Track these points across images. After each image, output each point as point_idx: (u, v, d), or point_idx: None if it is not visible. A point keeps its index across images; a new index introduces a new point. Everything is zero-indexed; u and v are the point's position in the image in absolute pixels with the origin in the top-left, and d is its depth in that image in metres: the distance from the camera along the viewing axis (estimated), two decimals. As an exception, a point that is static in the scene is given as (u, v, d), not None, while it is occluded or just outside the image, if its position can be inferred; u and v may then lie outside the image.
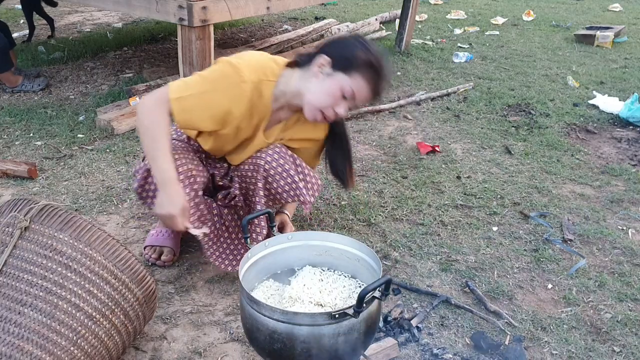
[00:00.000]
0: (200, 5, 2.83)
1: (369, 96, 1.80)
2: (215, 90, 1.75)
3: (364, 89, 1.77)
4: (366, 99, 1.81)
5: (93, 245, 1.49)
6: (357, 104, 1.83)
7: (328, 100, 1.77)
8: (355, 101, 1.80)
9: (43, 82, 3.91)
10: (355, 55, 1.75)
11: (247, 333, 1.47)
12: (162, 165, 1.69)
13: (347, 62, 1.75)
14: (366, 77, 1.75)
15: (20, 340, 1.36)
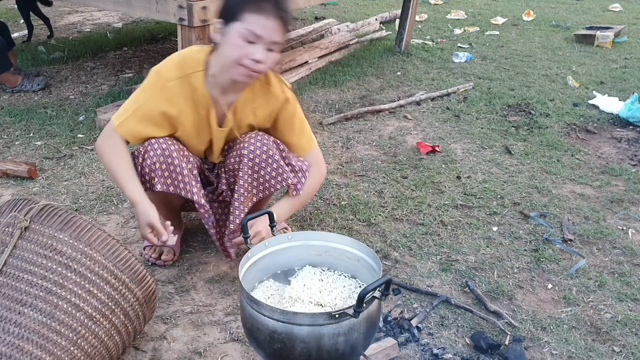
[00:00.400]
0: (200, 5, 2.83)
1: (273, 24, 1.70)
2: (146, 100, 1.86)
3: (262, 21, 1.69)
4: (274, 28, 1.70)
5: (93, 245, 1.49)
6: (272, 39, 1.72)
7: (236, 52, 1.73)
8: (264, 38, 1.70)
9: (42, 81, 3.91)
10: (234, 0, 1.75)
11: (247, 333, 1.47)
12: (129, 191, 1.83)
13: (231, 10, 1.73)
14: (255, 10, 1.69)
15: (20, 340, 1.36)
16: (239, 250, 2.09)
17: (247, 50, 1.72)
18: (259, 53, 1.72)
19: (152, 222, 1.80)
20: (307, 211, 2.49)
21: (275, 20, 1.70)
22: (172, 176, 1.89)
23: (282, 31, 1.73)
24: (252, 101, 1.94)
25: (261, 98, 1.94)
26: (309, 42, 5.12)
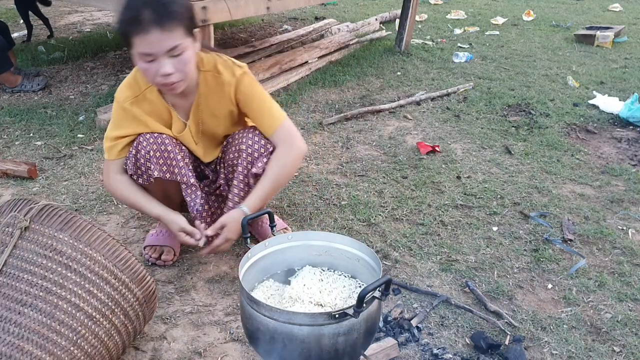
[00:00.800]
0: (200, 5, 2.83)
1: (156, 36, 1.64)
2: (118, 127, 1.93)
3: (146, 40, 1.64)
4: (160, 39, 1.65)
5: (93, 245, 1.49)
6: (165, 49, 1.67)
7: (147, 75, 1.76)
8: (157, 53, 1.67)
9: (42, 81, 3.91)
10: (117, 29, 1.73)
11: (247, 333, 1.47)
12: (151, 210, 1.97)
13: (123, 39, 1.72)
14: (136, 32, 1.65)
15: (20, 340, 1.36)
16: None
17: (153, 69, 1.71)
18: (164, 67, 1.70)
19: (182, 226, 1.92)
20: (307, 211, 2.49)
21: (157, 31, 1.63)
22: (167, 162, 1.93)
23: (172, 34, 1.66)
24: (208, 100, 1.94)
25: (216, 92, 1.93)
26: (309, 42, 5.12)
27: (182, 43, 1.69)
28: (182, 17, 1.68)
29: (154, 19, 1.63)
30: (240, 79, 1.91)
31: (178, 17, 1.67)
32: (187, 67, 1.75)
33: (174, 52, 1.69)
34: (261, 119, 1.96)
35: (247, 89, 1.93)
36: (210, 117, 1.98)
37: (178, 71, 1.72)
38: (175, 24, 1.66)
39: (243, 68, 1.94)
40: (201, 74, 1.90)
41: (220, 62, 1.91)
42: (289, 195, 2.63)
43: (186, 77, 1.77)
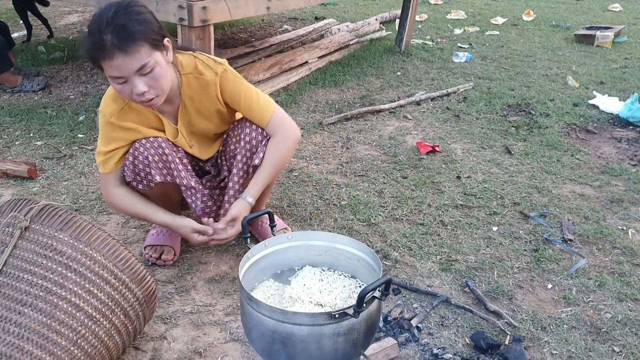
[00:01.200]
0: (200, 5, 2.83)
1: (121, 60, 1.62)
2: (107, 140, 1.91)
3: (113, 64, 1.63)
4: (126, 61, 1.63)
5: (93, 245, 1.49)
6: (134, 69, 1.65)
7: (123, 94, 1.75)
8: (127, 75, 1.66)
9: (42, 81, 3.91)
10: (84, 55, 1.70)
11: (247, 333, 1.47)
12: (159, 219, 1.98)
13: (93, 63, 1.70)
14: (102, 58, 1.63)
15: (21, 340, 1.36)
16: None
17: (127, 90, 1.71)
18: (137, 87, 1.69)
19: (194, 227, 1.93)
20: (307, 211, 2.49)
21: (121, 55, 1.62)
22: (166, 166, 1.93)
23: (138, 54, 1.63)
24: (193, 102, 1.94)
25: (200, 92, 1.92)
26: (309, 42, 5.12)
27: (150, 60, 1.66)
28: (146, 35, 1.65)
29: (116, 44, 1.60)
30: (222, 76, 1.91)
31: (140, 36, 1.64)
32: (160, 82, 1.72)
33: (143, 71, 1.67)
34: (252, 113, 1.97)
35: (231, 87, 1.93)
36: (198, 118, 1.97)
37: (152, 88, 1.71)
38: (139, 44, 1.63)
39: (223, 65, 1.93)
40: (182, 77, 1.88)
41: (200, 63, 1.90)
42: (289, 195, 2.63)
43: (162, 92, 1.76)
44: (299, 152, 3.07)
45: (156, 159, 1.90)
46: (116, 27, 1.61)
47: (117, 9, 1.64)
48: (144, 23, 1.67)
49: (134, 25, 1.63)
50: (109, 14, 1.62)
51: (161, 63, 1.71)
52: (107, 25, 1.61)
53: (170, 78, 1.80)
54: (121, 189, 1.96)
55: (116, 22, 1.61)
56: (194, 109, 1.95)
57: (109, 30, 1.60)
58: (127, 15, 1.64)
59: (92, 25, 1.64)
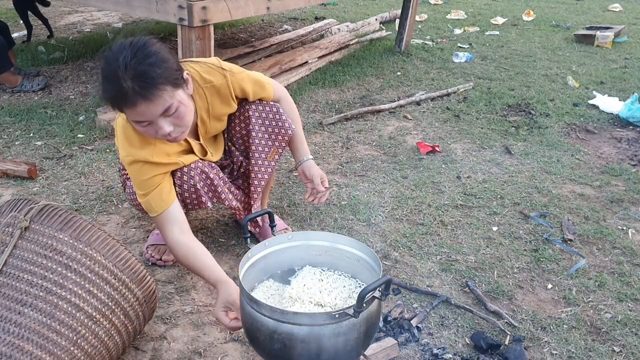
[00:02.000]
0: (200, 5, 2.83)
1: (145, 107, 1.56)
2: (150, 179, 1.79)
3: (137, 110, 1.57)
4: (149, 108, 1.57)
5: (93, 245, 1.49)
6: (158, 114, 1.60)
7: (148, 134, 1.69)
8: (151, 119, 1.60)
9: (42, 81, 3.91)
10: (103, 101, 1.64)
11: (247, 333, 1.47)
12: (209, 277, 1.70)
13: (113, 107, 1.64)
14: (125, 106, 1.57)
15: (21, 340, 1.36)
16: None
17: (152, 131, 1.65)
18: (162, 128, 1.63)
19: (230, 300, 1.61)
20: (307, 211, 2.49)
21: (144, 103, 1.55)
22: (212, 190, 1.97)
23: (161, 99, 1.57)
24: (209, 111, 1.92)
25: (212, 99, 1.91)
26: (309, 42, 5.12)
27: (173, 102, 1.60)
28: (167, 77, 1.57)
29: (138, 91, 1.52)
30: (231, 78, 1.91)
31: (162, 80, 1.56)
32: (185, 120, 1.67)
33: (167, 113, 1.61)
34: (261, 95, 2.04)
35: (240, 83, 1.95)
36: (213, 123, 1.98)
37: (177, 126, 1.66)
38: (161, 88, 1.56)
39: (222, 64, 1.92)
40: (194, 93, 1.85)
41: (203, 70, 1.87)
42: (289, 195, 2.63)
43: (187, 127, 1.71)
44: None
45: (202, 185, 1.93)
46: (136, 73, 1.52)
47: (133, 51, 1.54)
48: (163, 64, 1.58)
49: (153, 69, 1.54)
50: (127, 59, 1.53)
51: (184, 100, 1.65)
52: (126, 71, 1.52)
53: (193, 109, 1.75)
54: (185, 239, 1.76)
55: (135, 67, 1.52)
56: (213, 117, 1.95)
57: (128, 77, 1.51)
58: (145, 59, 1.54)
59: (109, 70, 1.55)
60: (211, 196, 1.98)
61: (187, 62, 1.92)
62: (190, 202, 1.96)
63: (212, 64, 1.91)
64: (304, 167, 2.11)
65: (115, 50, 1.58)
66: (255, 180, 2.11)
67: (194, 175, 1.90)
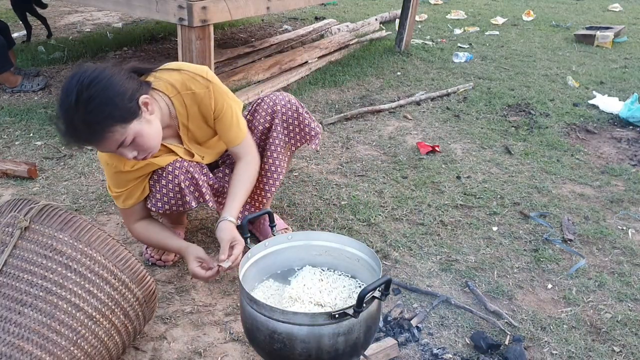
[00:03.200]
0: (200, 5, 2.83)
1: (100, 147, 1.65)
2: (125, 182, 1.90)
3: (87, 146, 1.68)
4: (98, 149, 1.71)
5: (93, 245, 1.49)
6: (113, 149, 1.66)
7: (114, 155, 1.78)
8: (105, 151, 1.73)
9: (42, 81, 3.91)
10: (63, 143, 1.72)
11: (247, 333, 1.47)
12: (172, 246, 1.95)
13: None
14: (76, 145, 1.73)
15: (20, 340, 1.36)
16: None
17: (118, 158, 1.78)
18: (126, 155, 1.69)
19: (200, 255, 1.83)
20: (307, 211, 2.49)
21: (97, 143, 1.62)
22: (197, 189, 1.96)
23: (113, 136, 1.60)
24: (190, 118, 1.90)
25: (194, 106, 1.87)
26: (309, 42, 5.12)
27: (126, 137, 1.62)
28: (114, 118, 1.58)
29: (87, 138, 1.61)
30: (214, 91, 1.86)
31: (109, 122, 1.57)
32: (146, 145, 1.69)
33: (124, 145, 1.64)
34: (229, 131, 1.94)
35: (220, 102, 1.89)
36: (199, 130, 1.95)
37: (140, 151, 1.70)
38: (109, 129, 1.58)
39: (208, 77, 1.86)
40: (173, 99, 1.84)
41: (187, 79, 1.84)
42: (289, 195, 2.63)
43: (152, 148, 1.73)
44: (299, 152, 3.07)
45: (187, 184, 1.92)
46: (83, 119, 1.54)
47: (78, 92, 1.53)
48: (110, 104, 1.57)
49: (98, 113, 1.55)
50: (72, 102, 1.53)
51: (141, 129, 1.65)
52: (75, 114, 1.54)
53: (157, 130, 1.74)
54: (141, 223, 1.98)
55: (81, 112, 1.53)
56: (193, 124, 1.92)
57: (78, 121, 1.54)
58: (89, 101, 1.54)
59: (61, 113, 1.57)
60: (197, 196, 1.96)
61: (170, 68, 1.87)
62: (175, 203, 1.94)
63: (197, 75, 1.85)
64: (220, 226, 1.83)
65: (64, 90, 1.58)
66: (270, 179, 2.12)
67: (178, 174, 1.89)
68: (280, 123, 2.09)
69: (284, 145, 2.12)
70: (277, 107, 2.07)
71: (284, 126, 2.10)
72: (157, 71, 1.85)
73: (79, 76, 1.57)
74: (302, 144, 2.15)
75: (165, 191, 1.91)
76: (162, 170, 1.90)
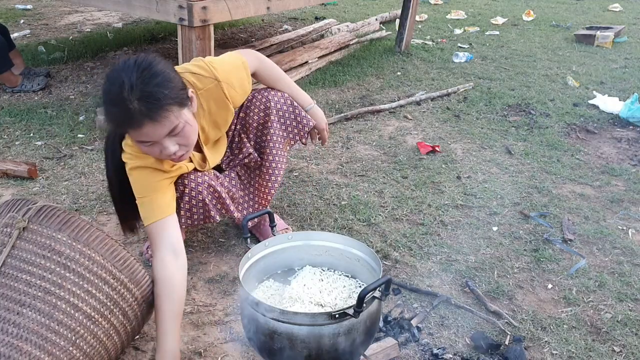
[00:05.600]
0: (200, 5, 2.83)
1: (152, 128, 1.54)
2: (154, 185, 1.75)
3: (143, 132, 1.54)
4: (156, 129, 1.55)
5: (91, 245, 1.49)
6: (164, 134, 1.58)
7: (152, 155, 1.66)
8: (156, 140, 1.58)
9: (42, 81, 3.91)
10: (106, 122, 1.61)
11: (247, 333, 1.46)
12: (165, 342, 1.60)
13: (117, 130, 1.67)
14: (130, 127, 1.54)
15: (19, 340, 1.36)
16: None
17: (156, 150, 1.62)
18: (167, 148, 1.61)
19: None
20: (307, 211, 2.49)
21: (150, 124, 1.52)
22: (220, 202, 1.97)
23: (167, 120, 1.54)
24: (207, 118, 1.89)
25: (210, 103, 1.87)
26: (309, 42, 5.12)
27: (180, 122, 1.58)
28: (173, 99, 1.55)
29: (145, 113, 1.50)
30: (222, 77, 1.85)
31: (169, 100, 1.53)
32: (190, 139, 1.66)
33: (173, 133, 1.59)
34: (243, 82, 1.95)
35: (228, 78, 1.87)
36: (213, 130, 1.96)
37: (182, 146, 1.64)
38: (168, 109, 1.53)
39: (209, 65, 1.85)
40: None
41: (195, 78, 1.83)
42: (289, 195, 2.62)
43: (191, 147, 1.69)
44: (299, 152, 3.07)
45: (210, 198, 1.92)
46: (143, 94, 1.49)
47: (139, 72, 1.51)
48: (170, 84, 1.55)
49: (160, 90, 1.52)
50: (132, 79, 1.49)
51: (189, 120, 1.63)
52: (132, 92, 1.48)
53: (197, 129, 1.71)
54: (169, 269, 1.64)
55: (141, 88, 1.49)
56: (209, 124, 1.91)
57: (134, 98, 1.48)
58: (151, 79, 1.51)
59: (113, 91, 1.51)
60: (220, 208, 1.98)
61: (183, 73, 1.84)
62: (197, 218, 1.94)
63: (201, 73, 1.84)
64: (312, 115, 2.16)
65: (119, 69, 1.53)
66: (273, 176, 2.13)
67: (202, 190, 1.89)
68: (277, 119, 2.08)
69: (282, 141, 2.12)
70: (271, 103, 2.06)
71: (280, 121, 2.09)
72: None
73: (134, 59, 1.54)
74: (300, 137, 2.14)
75: (189, 207, 1.91)
76: (184, 186, 1.87)
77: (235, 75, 1.91)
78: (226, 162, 2.17)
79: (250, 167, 2.18)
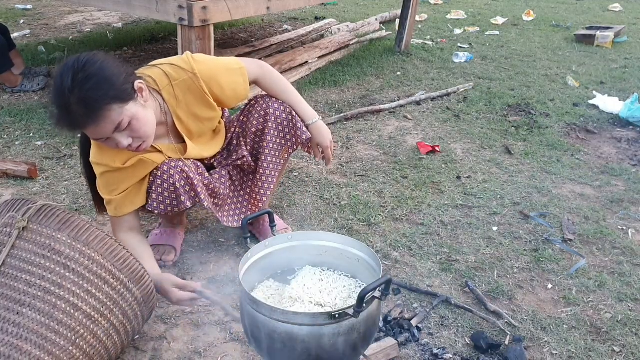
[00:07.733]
0: (200, 5, 2.83)
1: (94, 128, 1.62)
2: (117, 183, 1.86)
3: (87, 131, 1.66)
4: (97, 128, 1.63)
5: (91, 245, 1.49)
6: (109, 132, 1.65)
7: (106, 145, 1.74)
8: (99, 137, 1.68)
9: (42, 81, 3.91)
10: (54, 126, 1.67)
11: (247, 333, 1.46)
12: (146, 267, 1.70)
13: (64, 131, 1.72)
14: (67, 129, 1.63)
15: (19, 340, 1.36)
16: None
17: (111, 144, 1.70)
18: (120, 142, 1.68)
19: (175, 282, 1.75)
20: (307, 211, 2.49)
21: (92, 125, 1.60)
22: (192, 189, 1.94)
23: (109, 118, 1.60)
24: (184, 109, 1.89)
25: (185, 96, 1.88)
26: (309, 42, 5.12)
27: (123, 118, 1.62)
28: (111, 97, 1.59)
29: (84, 116, 1.57)
30: (199, 68, 1.86)
31: (106, 99, 1.58)
32: (142, 131, 1.70)
33: (120, 129, 1.64)
34: (238, 98, 2.00)
35: (211, 73, 1.89)
36: (194, 122, 1.95)
37: (136, 137, 1.69)
38: (107, 108, 1.58)
39: (190, 59, 1.87)
40: (162, 92, 1.85)
41: (171, 69, 1.85)
42: (289, 195, 2.62)
43: (148, 136, 1.73)
44: (299, 152, 3.07)
45: (182, 184, 1.90)
46: (79, 98, 1.54)
47: (74, 74, 1.55)
48: (106, 84, 1.59)
49: (95, 92, 1.56)
50: (68, 83, 1.54)
51: (137, 112, 1.67)
52: (70, 95, 1.54)
53: (152, 117, 1.75)
54: (126, 235, 1.88)
55: (77, 92, 1.54)
56: (188, 115, 1.92)
57: (73, 101, 1.54)
58: (86, 80, 1.55)
59: (55, 97, 1.58)
60: (192, 195, 1.93)
61: (155, 64, 1.89)
62: (170, 203, 1.92)
63: (180, 65, 1.86)
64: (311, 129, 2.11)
65: (58, 74, 1.59)
66: (265, 183, 2.13)
67: (173, 174, 1.88)
68: (275, 127, 2.08)
69: (278, 149, 2.12)
70: (270, 111, 2.07)
71: (278, 129, 2.09)
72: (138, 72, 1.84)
73: (73, 60, 1.59)
74: (298, 145, 2.14)
75: (161, 191, 1.90)
76: (157, 170, 1.89)
77: (225, 77, 1.93)
78: (219, 160, 2.17)
79: (245, 171, 2.18)
